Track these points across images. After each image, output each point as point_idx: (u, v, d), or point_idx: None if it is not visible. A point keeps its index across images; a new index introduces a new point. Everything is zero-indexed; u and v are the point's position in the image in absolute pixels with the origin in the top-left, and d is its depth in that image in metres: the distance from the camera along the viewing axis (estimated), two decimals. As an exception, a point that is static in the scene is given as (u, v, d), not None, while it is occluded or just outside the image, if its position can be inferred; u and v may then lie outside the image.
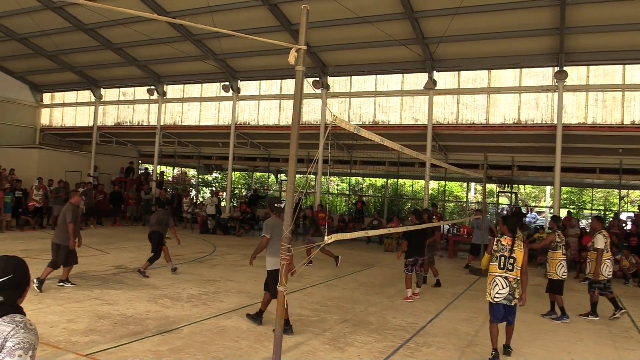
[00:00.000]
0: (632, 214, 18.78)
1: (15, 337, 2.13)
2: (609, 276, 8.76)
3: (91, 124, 25.00)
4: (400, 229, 8.81)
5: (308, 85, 19.21)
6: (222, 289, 9.31)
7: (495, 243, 6.37)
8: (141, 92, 23.70)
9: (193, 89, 22.94)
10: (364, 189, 28.90)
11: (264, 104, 21.30)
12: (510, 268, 6.19)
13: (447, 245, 17.13)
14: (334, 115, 4.34)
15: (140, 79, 23.16)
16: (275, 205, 7.29)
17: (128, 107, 24.71)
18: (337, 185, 31.30)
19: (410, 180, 26.94)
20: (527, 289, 6.55)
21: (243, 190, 30.63)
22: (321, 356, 5.96)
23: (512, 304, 6.19)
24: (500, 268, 6.22)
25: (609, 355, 6.70)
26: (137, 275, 10.03)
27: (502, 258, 6.24)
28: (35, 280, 8.10)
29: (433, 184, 26.09)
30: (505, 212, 20.61)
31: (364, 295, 9.53)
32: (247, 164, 25.07)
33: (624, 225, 16.30)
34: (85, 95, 25.47)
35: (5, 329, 2.16)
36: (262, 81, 21.28)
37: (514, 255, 6.21)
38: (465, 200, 27.39)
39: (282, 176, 27.27)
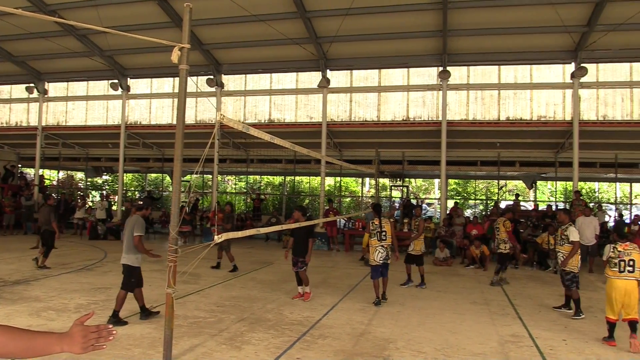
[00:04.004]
0: (510, 202, 20.44)
1: None
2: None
3: (-40, 125, 22.78)
4: (289, 225, 8.93)
5: (202, 83, 18.91)
6: (114, 297, 8.86)
7: (370, 225, 9.07)
8: (19, 90, 21.98)
9: (78, 87, 21.66)
10: (262, 187, 28.90)
11: (156, 103, 20.60)
12: (384, 239, 8.95)
13: (343, 240, 17.61)
14: (220, 114, 4.33)
15: (17, 76, 21.47)
16: (137, 203, 8.08)
17: (4, 106, 22.81)
18: (235, 184, 31.01)
19: (308, 177, 27.35)
20: (418, 277, 10.66)
21: (136, 192, 29.40)
22: (218, 357, 5.91)
23: (388, 262, 9.05)
24: (378, 240, 8.94)
25: (488, 331, 7.27)
26: (37, 269, 11.07)
27: (378, 233, 8.95)
28: None
29: (329, 180, 26.69)
30: (397, 204, 21.57)
31: (262, 293, 9.56)
32: (140, 165, 24.11)
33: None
34: (-47, 93, 23.16)
35: None
36: (153, 79, 20.54)
37: (384, 229, 8.97)
38: (360, 194, 28.31)
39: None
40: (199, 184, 27.15)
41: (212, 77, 18.86)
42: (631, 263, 6.74)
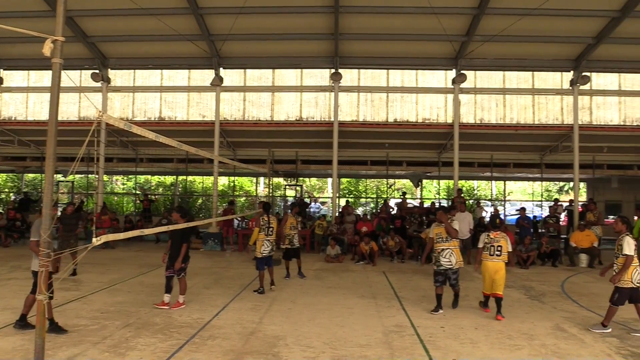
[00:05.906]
0: (399, 200, 21.45)
1: None
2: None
3: None
4: (177, 226, 8.53)
5: (87, 78, 17.92)
6: (-13, 308, 8.18)
7: (260, 220, 10.05)
8: None
9: (-60, 78, 19.47)
10: (152, 188, 27.84)
11: (34, 97, 19.12)
12: (270, 234, 10.06)
13: (237, 240, 17.49)
14: (99, 111, 4.15)
15: None
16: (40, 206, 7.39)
17: None
18: (123, 184, 29.60)
19: (201, 177, 26.78)
20: (310, 274, 12.05)
21: (11, 194, 27.08)
22: (99, 365, 5.65)
23: (271, 255, 10.14)
24: (265, 235, 9.99)
25: (374, 323, 7.61)
26: None
27: (266, 229, 10.01)
28: None
29: (223, 180, 26.36)
30: (290, 203, 21.82)
31: (150, 297, 9.24)
32: (16, 164, 22.20)
33: (391, 210, 18.52)
34: None
35: None
36: (31, 71, 19.04)
37: (271, 226, 10.08)
38: (255, 194, 28.26)
39: (59, 176, 24.80)
40: (83, 185, 25.61)
41: (97, 71, 17.87)
42: (499, 248, 8.19)
